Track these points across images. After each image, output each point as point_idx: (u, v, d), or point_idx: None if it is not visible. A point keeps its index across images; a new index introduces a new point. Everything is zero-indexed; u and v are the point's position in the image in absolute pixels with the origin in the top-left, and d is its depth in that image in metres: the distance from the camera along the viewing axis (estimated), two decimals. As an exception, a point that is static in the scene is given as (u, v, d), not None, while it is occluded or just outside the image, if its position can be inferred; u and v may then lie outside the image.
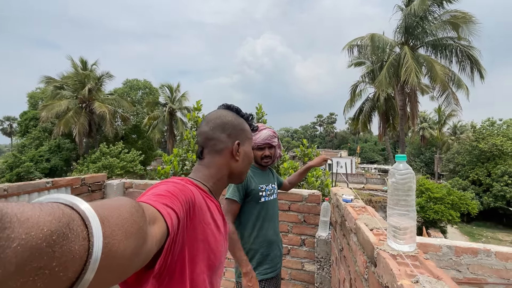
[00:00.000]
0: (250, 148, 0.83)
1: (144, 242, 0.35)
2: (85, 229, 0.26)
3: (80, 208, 0.27)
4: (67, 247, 0.23)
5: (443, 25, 12.43)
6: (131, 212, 0.34)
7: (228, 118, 0.78)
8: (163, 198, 0.49)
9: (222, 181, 0.76)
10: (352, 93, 17.62)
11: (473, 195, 18.64)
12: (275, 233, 1.59)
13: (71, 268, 0.24)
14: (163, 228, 0.43)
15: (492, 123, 23.99)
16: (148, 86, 25.89)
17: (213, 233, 0.64)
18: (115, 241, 0.29)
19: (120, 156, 17.14)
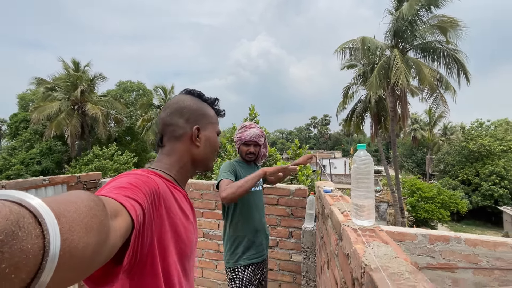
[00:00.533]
0: (213, 133, 0.80)
1: (107, 236, 0.34)
2: (38, 226, 0.24)
3: (31, 204, 0.25)
4: (18, 247, 0.22)
5: (431, 29, 12.81)
6: (90, 206, 0.32)
7: (186, 103, 0.76)
8: (124, 190, 0.48)
9: (185, 168, 0.75)
10: (345, 95, 17.91)
11: (462, 194, 19.12)
12: (261, 222, 1.71)
13: (24, 268, 0.22)
14: (127, 221, 0.42)
15: (480, 124, 24.65)
16: (142, 88, 25.82)
17: (181, 222, 0.64)
18: (75, 237, 0.27)
19: (114, 158, 17.05)
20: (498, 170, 18.56)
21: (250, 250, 1.62)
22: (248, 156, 1.71)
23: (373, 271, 0.58)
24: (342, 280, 0.89)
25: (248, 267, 1.59)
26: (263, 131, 1.74)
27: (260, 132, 1.70)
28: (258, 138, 1.69)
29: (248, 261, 1.60)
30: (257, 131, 1.69)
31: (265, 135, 1.77)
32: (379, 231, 0.83)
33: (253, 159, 1.74)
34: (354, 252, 0.71)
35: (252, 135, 1.67)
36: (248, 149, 1.70)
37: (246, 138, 1.67)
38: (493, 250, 1.79)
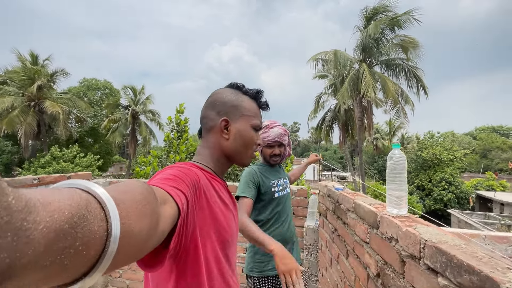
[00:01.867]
0: (246, 126, 0.76)
1: (157, 222, 0.37)
2: (102, 211, 0.28)
3: (96, 192, 0.28)
4: (88, 228, 0.25)
5: (394, 47, 14.13)
6: (144, 194, 0.36)
7: (220, 95, 0.76)
8: (170, 181, 0.51)
9: (221, 161, 0.76)
10: (316, 104, 18.81)
11: (418, 199, 21.01)
12: (289, 227, 1.57)
13: (93, 247, 0.26)
14: (174, 208, 0.45)
15: (432, 136, 27.45)
16: (109, 87, 24.36)
17: (221, 210, 0.67)
18: (131, 222, 0.31)
19: (75, 160, 15.76)
20: (447, 177, 20.78)
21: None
22: (273, 160, 1.57)
23: (437, 244, 0.70)
24: (380, 262, 1.02)
25: (276, 278, 1.45)
26: (286, 129, 1.61)
27: (283, 131, 1.57)
28: (282, 138, 1.54)
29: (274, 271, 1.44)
30: (280, 129, 1.56)
31: (288, 132, 1.63)
32: (415, 217, 0.97)
33: (279, 161, 1.60)
34: (407, 233, 0.84)
35: (275, 135, 1.53)
36: (273, 151, 1.55)
37: (269, 139, 1.52)
38: (469, 241, 2.08)
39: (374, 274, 1.07)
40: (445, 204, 20.46)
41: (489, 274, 0.54)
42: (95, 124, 21.77)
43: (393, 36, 14.16)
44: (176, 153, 4.12)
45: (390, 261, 0.94)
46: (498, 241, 2.06)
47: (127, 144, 22.38)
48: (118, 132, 20.11)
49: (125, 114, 20.79)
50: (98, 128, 21.62)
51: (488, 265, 0.58)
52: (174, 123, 4.49)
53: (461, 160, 22.88)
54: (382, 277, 1.00)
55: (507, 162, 30.51)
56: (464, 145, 37.39)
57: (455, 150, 22.93)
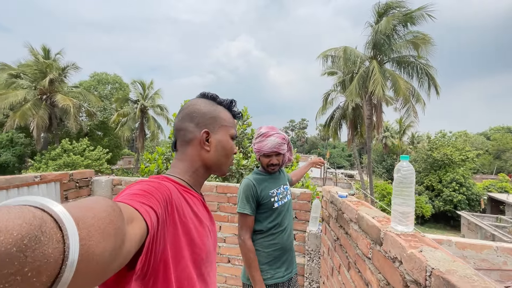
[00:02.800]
0: (226, 137, 0.77)
1: (123, 242, 0.34)
2: (58, 231, 0.25)
3: (52, 210, 0.26)
4: (40, 251, 0.22)
5: (406, 44, 13.71)
6: (108, 211, 0.33)
7: (197, 107, 0.75)
8: (139, 197, 0.48)
9: (198, 173, 0.74)
10: (324, 101, 18.52)
11: (427, 199, 20.60)
12: (290, 236, 1.55)
13: (45, 272, 0.23)
14: (142, 227, 0.42)
15: (443, 135, 26.77)
16: (118, 81, 24.61)
17: (195, 226, 0.64)
18: (92, 243, 0.28)
19: (85, 153, 16.06)
20: (458, 178, 20.25)
21: (276, 268, 1.47)
22: (271, 168, 1.52)
23: (445, 275, 0.63)
24: (382, 282, 0.95)
25: (275, 287, 1.45)
26: (285, 136, 1.54)
27: (280, 139, 1.49)
28: (279, 148, 1.48)
29: (275, 280, 1.45)
30: (277, 138, 1.48)
31: (287, 139, 1.57)
32: (421, 236, 0.90)
33: (277, 169, 1.55)
34: (411, 257, 0.77)
35: (271, 145, 1.46)
36: (270, 160, 1.50)
37: (265, 149, 1.47)
38: (480, 252, 1.98)
39: (375, 293, 1.01)
40: (455, 205, 19.99)
41: (505, 321, 0.47)
42: (104, 118, 22.08)
43: (405, 33, 13.74)
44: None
45: (393, 283, 0.87)
46: (511, 253, 1.96)
47: (136, 138, 22.65)
48: (127, 126, 20.36)
49: (134, 108, 21.00)
50: (107, 122, 21.93)
51: (503, 307, 0.51)
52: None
53: (473, 161, 22.26)
54: (384, 298, 0.93)
55: (522, 163, 29.50)
56: (477, 146, 36.32)
57: (468, 150, 22.30)
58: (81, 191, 2.51)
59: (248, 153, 4.79)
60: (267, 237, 1.47)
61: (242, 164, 4.05)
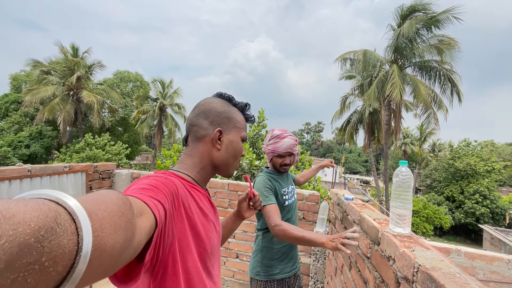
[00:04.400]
0: (237, 138, 0.78)
1: (133, 234, 0.36)
2: (73, 224, 0.26)
3: (66, 203, 0.27)
4: (56, 242, 0.23)
5: (429, 49, 13.26)
6: (118, 204, 0.34)
7: (213, 105, 0.76)
8: (147, 191, 0.49)
9: (205, 170, 0.75)
10: (342, 104, 18.26)
11: (446, 210, 19.76)
12: None
13: (61, 262, 0.24)
14: (151, 219, 0.43)
15: (468, 144, 25.53)
16: (140, 79, 25.56)
17: (201, 221, 0.65)
18: (104, 235, 0.29)
19: (106, 148, 16.80)
20: (482, 189, 19.27)
21: (285, 264, 1.54)
22: (283, 168, 1.59)
23: (430, 270, 0.69)
24: (378, 280, 1.01)
25: (282, 282, 1.51)
26: (296, 138, 1.62)
27: (294, 141, 1.57)
28: (293, 148, 1.55)
29: (283, 275, 1.52)
30: (291, 140, 1.56)
31: (298, 141, 1.64)
32: (416, 238, 0.95)
33: (288, 169, 1.63)
34: (403, 255, 0.82)
35: (286, 146, 1.53)
36: (283, 160, 1.56)
37: (281, 150, 1.53)
38: (490, 264, 1.96)
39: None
40: (477, 218, 19.04)
41: (473, 309, 0.53)
42: (125, 114, 22.99)
43: (429, 37, 13.29)
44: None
45: (387, 280, 0.93)
46: (524, 267, 1.91)
47: (154, 135, 23.40)
48: (146, 123, 21.09)
49: (153, 106, 21.71)
50: (128, 118, 22.83)
51: (476, 299, 0.56)
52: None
53: (500, 173, 21.11)
54: (379, 295, 0.99)
55: (554, 178, 27.55)
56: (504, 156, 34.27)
57: (494, 161, 21.16)
58: (103, 182, 2.71)
59: (261, 154, 4.87)
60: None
61: (254, 164, 4.14)
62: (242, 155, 0.82)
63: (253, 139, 5.24)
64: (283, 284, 1.52)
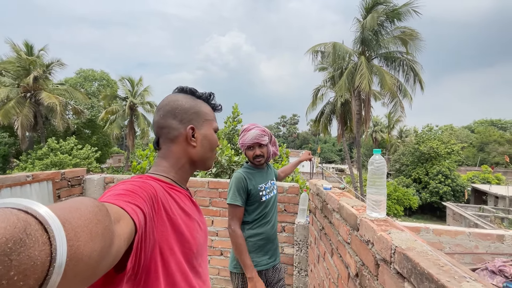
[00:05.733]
0: (210, 130, 0.77)
1: (112, 242, 0.34)
2: (44, 233, 0.24)
3: (37, 212, 0.25)
4: (26, 254, 0.22)
5: (394, 40, 13.99)
6: (94, 212, 0.32)
7: (178, 102, 0.73)
8: (123, 197, 0.47)
9: (184, 169, 0.73)
10: (314, 96, 18.73)
11: (414, 191, 21.26)
12: (274, 227, 1.65)
13: (32, 275, 0.22)
14: (129, 225, 0.42)
15: (430, 129, 27.52)
16: (106, 78, 24.15)
17: (184, 221, 0.64)
18: (80, 243, 0.28)
19: (73, 152, 15.78)
20: (444, 170, 20.97)
21: (260, 256, 1.57)
22: (257, 160, 1.61)
23: (405, 251, 0.74)
24: (359, 263, 1.06)
25: (258, 274, 1.51)
26: (265, 129, 1.65)
27: (260, 131, 1.60)
28: (259, 139, 1.58)
29: (259, 267, 1.54)
30: (257, 131, 1.59)
31: (269, 132, 1.67)
32: (392, 221, 1.01)
33: (263, 161, 1.63)
34: (380, 238, 0.87)
35: (252, 136, 1.57)
36: (254, 152, 1.59)
37: (247, 141, 1.57)
38: (454, 238, 2.14)
39: (353, 274, 1.12)
40: (441, 197, 20.72)
41: (445, 283, 0.57)
42: (92, 115, 21.66)
43: (393, 29, 14.00)
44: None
45: (367, 263, 0.98)
46: (482, 238, 2.12)
47: (125, 136, 22.34)
48: (116, 123, 20.05)
49: (122, 105, 20.67)
50: (95, 120, 21.55)
51: (447, 273, 0.61)
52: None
53: (458, 154, 23.05)
54: (360, 278, 1.04)
55: (503, 155, 30.75)
56: (462, 139, 37.49)
57: (453, 143, 23.07)
58: (73, 189, 2.54)
59: (239, 149, 4.87)
60: (253, 228, 1.58)
61: (233, 160, 4.12)
62: (218, 145, 0.82)
63: (229, 135, 5.21)
64: (261, 276, 1.54)
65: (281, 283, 1.67)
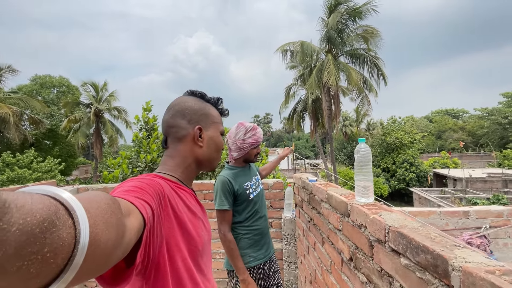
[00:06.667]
0: (217, 133, 0.81)
1: (123, 233, 0.36)
2: (69, 219, 0.27)
3: (64, 198, 0.28)
4: (57, 234, 0.25)
5: (357, 38, 14.75)
6: (109, 203, 0.35)
7: (188, 104, 0.76)
8: (132, 193, 0.49)
9: (190, 169, 0.75)
10: (287, 95, 19.10)
11: (384, 180, 22.59)
12: (265, 221, 1.69)
13: (60, 254, 0.25)
14: (139, 219, 0.44)
15: (394, 121, 29.34)
16: (66, 84, 22.43)
17: (189, 219, 0.66)
18: (98, 231, 0.30)
19: (32, 166, 14.48)
20: (408, 158, 22.57)
21: (257, 251, 1.60)
22: (257, 158, 1.69)
23: (399, 229, 0.79)
24: (352, 247, 1.11)
25: (257, 268, 1.58)
26: None
27: None
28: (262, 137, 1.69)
29: (257, 261, 1.58)
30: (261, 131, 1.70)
31: None
32: (380, 204, 1.07)
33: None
34: (373, 220, 0.93)
35: (261, 135, 1.65)
36: (257, 150, 1.67)
37: (260, 140, 1.64)
38: (427, 217, 2.32)
39: (347, 258, 1.17)
40: (407, 183, 22.25)
41: (440, 252, 0.63)
42: (53, 125, 20.05)
43: (356, 27, 14.74)
44: (147, 153, 3.98)
45: (361, 245, 1.03)
46: (451, 215, 2.32)
47: (92, 144, 21.00)
48: (80, 132, 18.75)
49: (87, 112, 19.38)
50: (57, 129, 19.96)
51: (439, 244, 0.67)
52: (142, 121, 4.31)
53: (420, 142, 24.89)
54: (355, 261, 1.09)
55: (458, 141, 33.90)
56: (422, 128, 40.66)
57: (415, 133, 24.87)
58: (43, 204, 2.33)
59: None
60: (246, 225, 1.59)
61: (213, 161, 4.08)
62: (223, 148, 0.85)
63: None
64: (259, 269, 1.59)
65: (277, 275, 1.70)
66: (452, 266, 0.58)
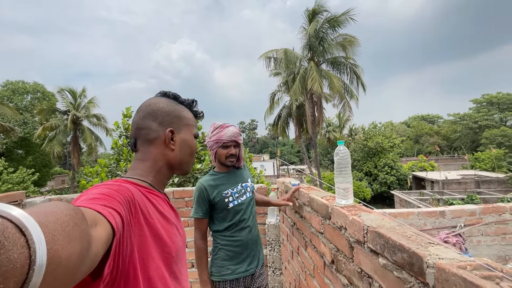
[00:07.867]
0: (190, 136, 0.77)
1: (89, 245, 0.34)
2: (22, 237, 0.24)
3: (12, 215, 0.25)
4: (5, 257, 0.22)
5: (336, 46, 15.25)
6: (70, 215, 0.32)
7: (160, 105, 0.73)
8: (99, 201, 0.46)
9: (161, 173, 0.72)
10: (271, 101, 19.29)
11: (366, 184, 23.17)
12: (252, 233, 1.54)
13: (11, 278, 0.23)
14: (107, 229, 0.41)
15: (375, 126, 30.33)
16: (40, 90, 21.49)
17: (162, 225, 0.63)
18: (58, 246, 0.28)
19: (2, 177, 13.61)
20: (389, 162, 23.34)
21: (237, 264, 1.48)
22: (230, 160, 1.49)
23: (376, 229, 0.80)
24: (333, 250, 1.11)
25: (235, 282, 1.46)
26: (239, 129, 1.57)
27: (238, 130, 1.52)
28: (237, 137, 1.50)
29: (235, 275, 1.46)
30: (235, 129, 1.51)
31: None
32: (360, 206, 1.08)
33: (235, 162, 1.52)
34: (353, 221, 0.93)
35: (231, 134, 1.47)
36: (228, 151, 1.48)
37: (225, 138, 1.46)
38: (407, 218, 2.39)
39: (329, 261, 1.17)
40: (388, 186, 22.93)
41: (415, 250, 0.63)
42: (26, 133, 19.03)
43: (336, 35, 15.24)
44: (127, 161, 3.85)
45: (341, 247, 1.03)
46: (429, 215, 2.40)
47: (69, 153, 20.05)
48: (56, 140, 17.86)
49: (63, 120, 18.55)
50: (30, 138, 18.95)
51: (415, 242, 0.68)
52: (122, 128, 4.17)
53: (399, 146, 25.84)
54: (336, 263, 1.09)
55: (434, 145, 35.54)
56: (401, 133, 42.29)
57: (394, 137, 25.82)
58: (10, 216, 2.18)
59: (201, 156, 4.74)
60: (225, 235, 1.49)
61: (196, 168, 4.00)
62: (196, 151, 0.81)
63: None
64: (238, 284, 1.47)
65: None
66: (426, 263, 0.59)
